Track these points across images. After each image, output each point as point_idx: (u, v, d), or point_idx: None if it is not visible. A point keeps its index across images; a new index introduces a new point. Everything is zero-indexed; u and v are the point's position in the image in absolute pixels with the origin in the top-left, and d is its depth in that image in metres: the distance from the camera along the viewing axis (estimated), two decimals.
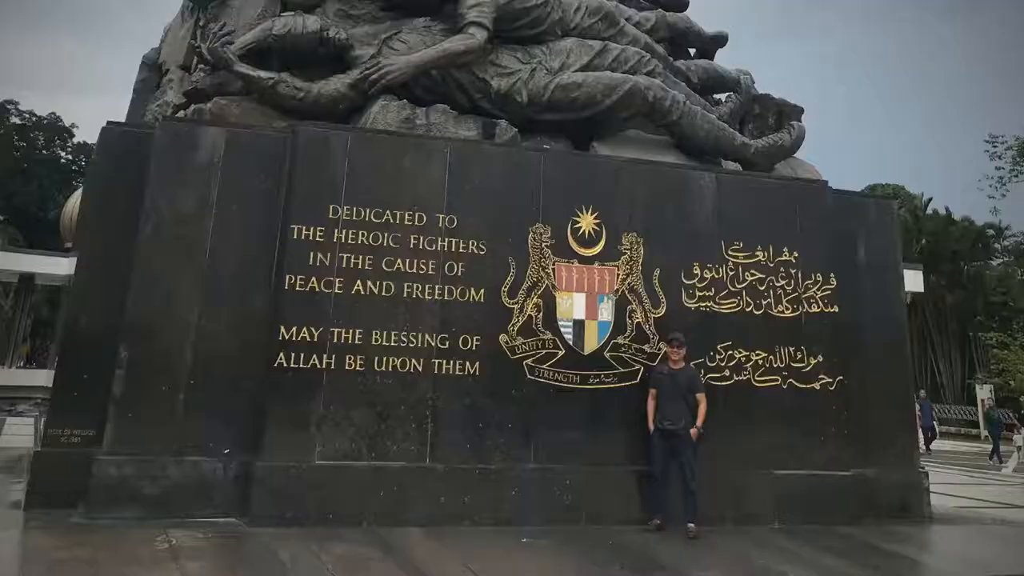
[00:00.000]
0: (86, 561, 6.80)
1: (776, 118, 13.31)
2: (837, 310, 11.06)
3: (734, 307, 10.67)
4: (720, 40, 14.50)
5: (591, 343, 10.00)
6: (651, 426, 9.67)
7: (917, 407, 17.85)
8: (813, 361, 10.81)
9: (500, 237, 9.82)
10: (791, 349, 10.76)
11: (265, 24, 11.00)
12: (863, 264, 11.75)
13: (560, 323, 9.89)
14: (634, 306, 10.24)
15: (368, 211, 9.44)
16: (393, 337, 9.23)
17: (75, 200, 13.51)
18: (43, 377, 20.32)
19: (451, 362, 9.37)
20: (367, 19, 11.57)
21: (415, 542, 8.16)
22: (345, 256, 9.27)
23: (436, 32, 11.35)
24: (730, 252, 10.76)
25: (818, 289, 11.02)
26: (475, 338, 9.49)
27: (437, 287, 9.49)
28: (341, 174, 9.49)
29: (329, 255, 9.22)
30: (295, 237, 9.18)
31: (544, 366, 9.71)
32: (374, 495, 8.78)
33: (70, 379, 8.78)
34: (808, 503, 10.25)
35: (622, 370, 10.04)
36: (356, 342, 9.11)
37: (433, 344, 9.35)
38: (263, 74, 10.50)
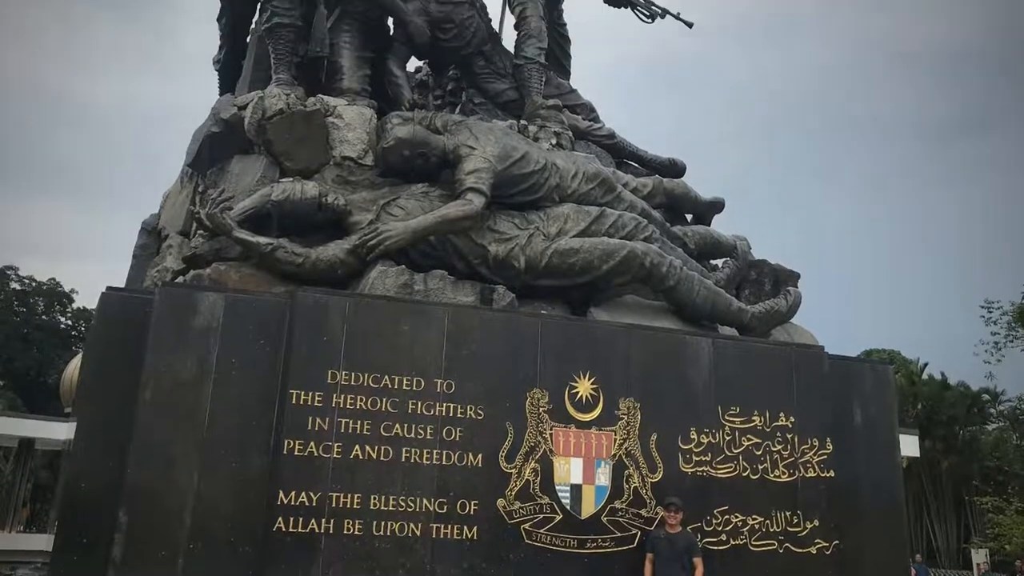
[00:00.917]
0: None
1: (772, 284, 14.00)
2: (833, 475, 11.51)
3: (731, 471, 11.10)
4: (717, 206, 15.25)
5: (588, 508, 10.39)
6: None
7: (913, 571, 18.05)
8: (809, 525, 11.20)
9: (498, 402, 10.29)
10: (787, 513, 11.16)
11: (264, 190, 11.64)
12: (859, 429, 12.20)
13: (558, 488, 10.30)
14: (631, 471, 10.66)
15: (367, 376, 9.92)
16: (391, 501, 9.62)
17: (74, 365, 13.99)
18: (43, 541, 20.48)
19: (449, 526, 9.74)
20: (365, 185, 12.26)
21: None
22: (344, 421, 9.71)
23: (434, 198, 12.03)
24: (727, 417, 11.23)
25: (814, 454, 11.48)
26: (473, 503, 9.88)
27: (435, 452, 9.91)
28: (340, 339, 10.00)
29: (328, 420, 9.66)
30: (294, 402, 9.63)
31: (542, 531, 10.08)
32: None
33: (70, 543, 9.08)
34: None
35: (619, 535, 10.41)
36: (355, 506, 9.49)
37: (431, 508, 9.73)
38: (262, 240, 11.09)
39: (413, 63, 15.83)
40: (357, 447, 9.69)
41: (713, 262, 14.13)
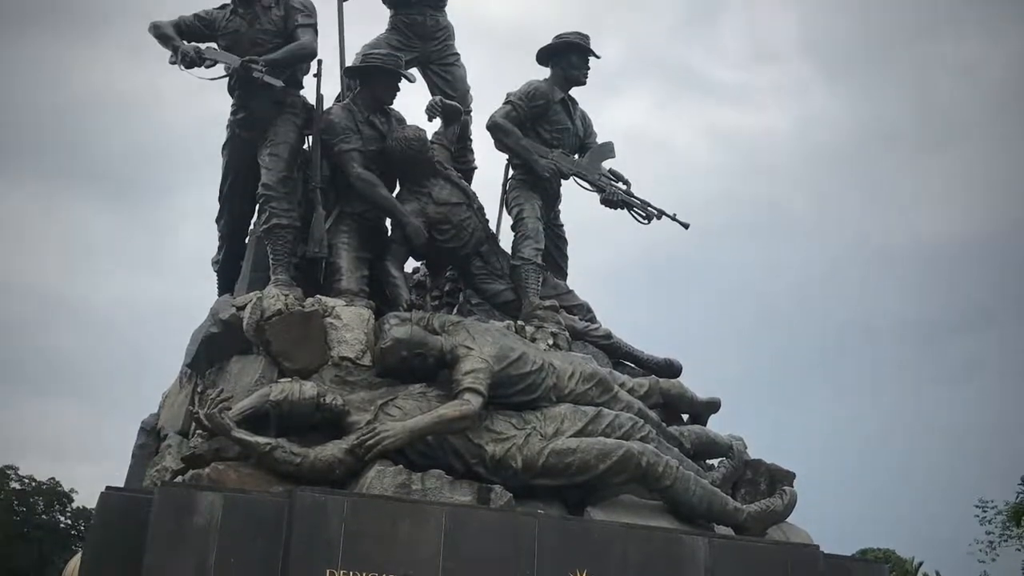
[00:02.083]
0: None
1: (768, 483, 14.59)
2: None
3: None
4: (713, 406, 15.84)
5: None
6: None
7: None
8: None
9: None
10: None
11: (263, 390, 12.34)
12: None
13: None
14: None
15: (365, 575, 10.41)
16: None
17: (74, 564, 14.38)
18: None
19: None
20: (363, 385, 12.97)
21: None
22: None
23: (432, 398, 12.75)
24: None
25: None
26: None
27: None
28: (338, 538, 10.56)
29: None
30: None
31: None
32: None
33: None
34: None
35: None
36: None
37: None
38: (260, 440, 11.73)
39: (411, 264, 16.68)
40: None
41: (709, 461, 14.70)
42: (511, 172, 17.04)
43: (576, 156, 16.97)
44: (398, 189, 15.55)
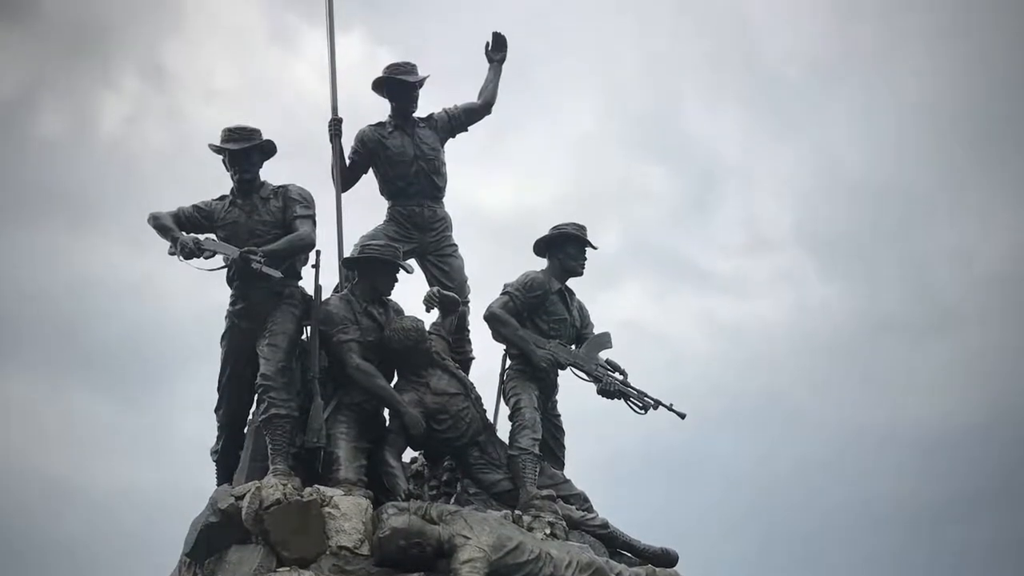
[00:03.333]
0: None
1: None
2: None
3: None
4: None
5: None
6: None
7: None
8: None
9: None
10: None
11: None
12: None
13: None
14: None
15: None
16: None
17: None
18: None
19: None
20: (361, 574, 13.53)
21: None
22: None
23: None
24: None
25: None
26: None
27: None
28: None
29: None
30: None
31: None
32: None
33: None
34: None
35: None
36: None
37: None
38: None
39: (409, 453, 17.10)
40: None
41: None
42: (508, 362, 17.53)
43: (573, 346, 17.52)
44: (396, 379, 16.23)
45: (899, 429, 47.23)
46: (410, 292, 17.17)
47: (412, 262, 17.33)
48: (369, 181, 18.32)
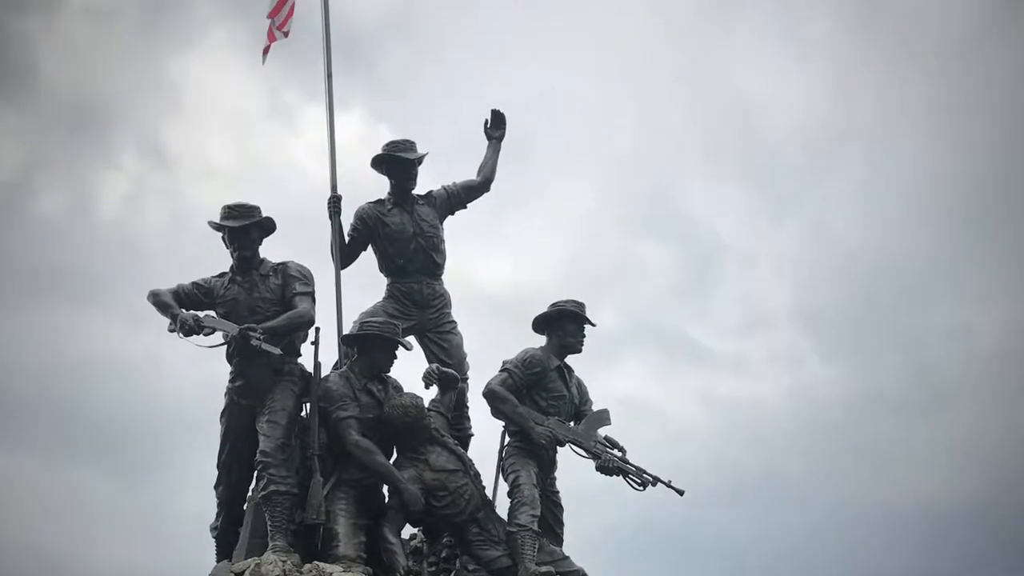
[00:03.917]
0: None
1: None
2: None
3: None
4: None
5: None
6: None
7: None
8: None
9: None
10: None
11: None
12: None
13: None
14: None
15: None
16: None
17: None
18: None
19: None
20: None
21: None
22: None
23: None
24: None
25: None
26: None
27: None
28: None
29: None
30: None
31: None
32: None
33: None
34: None
35: None
36: None
37: None
38: None
39: (408, 529, 17.13)
40: None
41: None
42: (507, 439, 17.65)
43: (572, 423, 17.62)
44: (395, 455, 16.41)
45: (898, 506, 47.21)
46: (409, 369, 17.36)
47: (411, 339, 17.58)
48: (368, 258, 18.60)
